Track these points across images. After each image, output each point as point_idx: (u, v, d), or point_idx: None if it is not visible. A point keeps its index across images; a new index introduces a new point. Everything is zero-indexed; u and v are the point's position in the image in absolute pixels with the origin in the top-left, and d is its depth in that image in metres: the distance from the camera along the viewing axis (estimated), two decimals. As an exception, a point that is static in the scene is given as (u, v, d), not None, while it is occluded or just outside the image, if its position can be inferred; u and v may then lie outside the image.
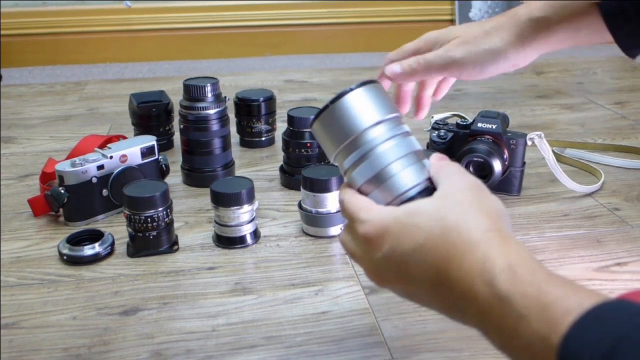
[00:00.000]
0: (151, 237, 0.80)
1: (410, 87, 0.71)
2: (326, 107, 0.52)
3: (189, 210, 0.93)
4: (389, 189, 0.50)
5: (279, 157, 1.10)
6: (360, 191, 0.51)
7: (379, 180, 0.50)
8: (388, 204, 0.50)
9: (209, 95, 0.97)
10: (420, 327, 0.66)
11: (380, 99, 0.52)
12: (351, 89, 0.51)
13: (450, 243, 0.42)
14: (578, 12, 0.66)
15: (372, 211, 0.48)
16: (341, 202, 0.51)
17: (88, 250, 0.79)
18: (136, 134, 1.13)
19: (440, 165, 0.50)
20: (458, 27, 0.68)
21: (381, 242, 0.46)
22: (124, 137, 1.04)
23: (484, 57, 0.65)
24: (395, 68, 0.66)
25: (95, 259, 0.79)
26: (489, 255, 0.40)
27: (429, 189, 0.50)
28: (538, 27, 0.66)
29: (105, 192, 0.89)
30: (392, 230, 0.45)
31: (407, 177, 0.50)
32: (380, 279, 0.48)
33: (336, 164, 0.54)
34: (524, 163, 0.94)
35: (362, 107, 0.51)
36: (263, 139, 1.17)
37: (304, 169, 0.86)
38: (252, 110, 1.14)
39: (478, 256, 0.41)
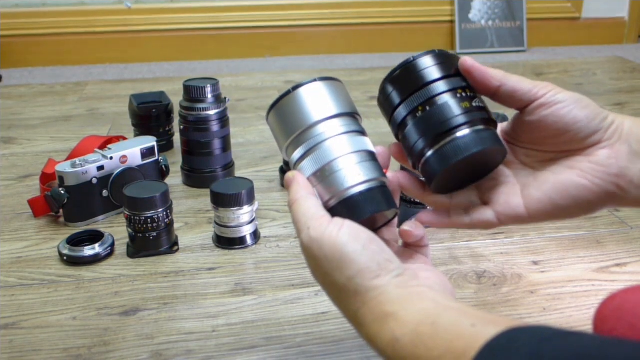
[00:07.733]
0: (151, 237, 0.80)
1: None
2: (283, 96, 0.51)
3: (189, 211, 0.94)
4: (330, 185, 0.49)
5: (279, 157, 1.10)
6: None
7: (323, 175, 0.49)
8: (328, 200, 0.49)
9: (209, 96, 0.97)
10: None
11: (338, 96, 0.51)
12: (309, 82, 0.51)
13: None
14: None
15: (314, 221, 0.46)
16: (293, 202, 0.48)
17: (88, 250, 0.79)
18: (136, 135, 1.13)
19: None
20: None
21: (308, 258, 0.47)
22: (124, 138, 1.04)
23: None
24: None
25: (95, 259, 0.80)
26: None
27: (372, 189, 0.49)
28: None
29: (105, 192, 0.89)
30: (315, 255, 0.46)
31: (349, 175, 0.48)
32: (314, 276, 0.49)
33: (287, 159, 0.52)
34: (523, 164, 0.94)
35: (317, 100, 0.50)
36: None
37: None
38: None
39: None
